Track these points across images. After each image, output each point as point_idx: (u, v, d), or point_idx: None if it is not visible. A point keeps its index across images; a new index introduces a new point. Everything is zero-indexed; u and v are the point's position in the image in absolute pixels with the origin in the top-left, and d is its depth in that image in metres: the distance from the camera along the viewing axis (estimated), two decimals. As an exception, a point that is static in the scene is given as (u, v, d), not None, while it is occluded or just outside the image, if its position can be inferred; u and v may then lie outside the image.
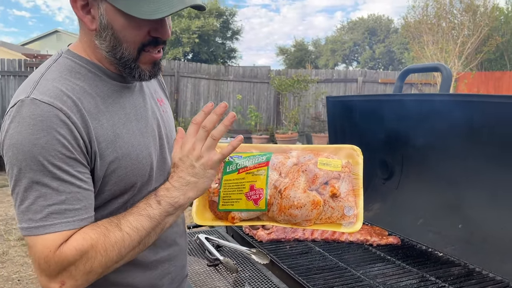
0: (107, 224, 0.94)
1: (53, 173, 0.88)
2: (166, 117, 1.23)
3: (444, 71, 1.67)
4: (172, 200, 0.99)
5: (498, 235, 1.61)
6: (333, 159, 1.18)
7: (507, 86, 12.24)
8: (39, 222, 0.88)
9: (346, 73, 13.14)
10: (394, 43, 23.22)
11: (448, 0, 12.34)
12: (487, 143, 1.58)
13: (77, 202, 0.91)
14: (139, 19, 0.93)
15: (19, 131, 0.88)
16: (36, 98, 0.90)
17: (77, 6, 0.96)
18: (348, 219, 1.12)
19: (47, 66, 1.01)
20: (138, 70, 1.02)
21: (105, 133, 0.98)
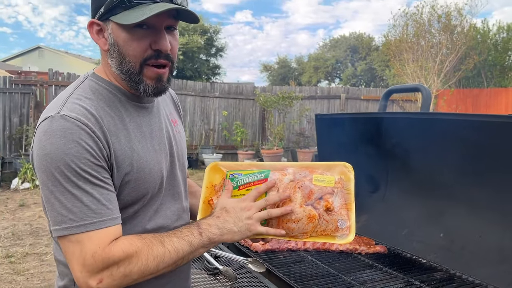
0: (152, 238, 1.06)
1: (85, 178, 0.99)
2: (178, 137, 1.34)
3: (424, 92, 1.82)
4: (212, 235, 1.11)
5: (476, 243, 1.74)
6: (327, 175, 1.28)
7: (484, 102, 12.65)
8: (80, 222, 0.98)
9: (329, 90, 13.40)
10: (375, 61, 23.76)
11: (427, 20, 12.76)
12: (463, 157, 1.72)
13: (109, 202, 1.02)
14: (139, 31, 1.06)
15: (51, 142, 0.99)
16: (65, 114, 1.01)
17: (93, 31, 1.11)
18: (342, 232, 1.22)
19: (74, 87, 1.14)
20: (142, 85, 1.12)
21: (122, 148, 1.09)
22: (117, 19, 1.06)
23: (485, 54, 13.70)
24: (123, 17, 1.05)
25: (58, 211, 0.99)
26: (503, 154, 1.50)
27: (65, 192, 0.98)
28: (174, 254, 1.06)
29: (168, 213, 1.26)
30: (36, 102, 9.63)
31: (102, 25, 1.10)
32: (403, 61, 12.88)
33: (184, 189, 1.36)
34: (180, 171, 1.31)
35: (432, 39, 12.85)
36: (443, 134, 1.69)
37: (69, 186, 0.98)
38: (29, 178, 8.18)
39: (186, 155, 1.39)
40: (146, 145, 1.17)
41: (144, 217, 1.19)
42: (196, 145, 11.32)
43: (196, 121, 11.57)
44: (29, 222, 5.84)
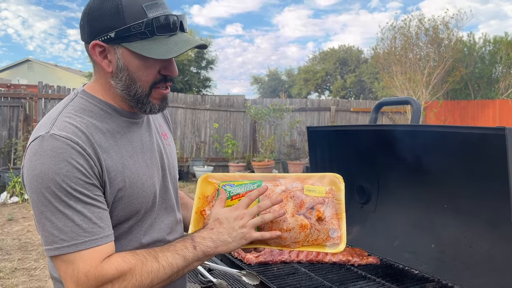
0: (146, 254, 1.06)
1: (76, 197, 0.99)
2: (169, 149, 1.35)
3: (414, 105, 1.86)
4: (206, 248, 1.12)
5: (467, 253, 1.76)
6: (318, 186, 1.30)
7: (472, 114, 12.83)
8: (72, 241, 0.98)
9: (319, 102, 13.50)
10: (364, 73, 24.03)
11: (414, 33, 12.98)
12: (452, 168, 1.75)
13: (100, 220, 1.03)
14: (152, 60, 1.08)
15: (42, 163, 0.98)
16: (55, 133, 1.01)
17: (95, 52, 1.10)
18: (333, 241, 1.24)
19: (64, 104, 1.14)
20: (149, 105, 1.16)
21: (114, 164, 1.09)
22: (135, 48, 1.07)
23: (472, 66, 13.92)
24: (144, 48, 1.06)
25: (49, 231, 0.99)
26: (489, 164, 1.53)
27: (56, 212, 0.98)
28: (168, 269, 1.06)
29: (162, 226, 1.27)
30: (25, 115, 9.57)
31: (106, 47, 1.09)
32: (392, 74, 13.05)
33: (176, 201, 1.37)
34: (171, 183, 1.33)
35: (420, 52, 13.06)
36: (432, 146, 1.72)
37: (60, 206, 0.98)
38: (17, 192, 8.08)
39: (177, 168, 1.41)
40: (138, 160, 1.18)
41: (139, 232, 1.19)
42: (187, 158, 11.30)
43: (187, 134, 11.56)
44: (18, 236, 5.76)
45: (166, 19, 1.08)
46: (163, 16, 1.07)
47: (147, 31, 1.06)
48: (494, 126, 1.37)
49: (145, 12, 1.06)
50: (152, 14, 1.06)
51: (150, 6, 1.07)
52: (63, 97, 9.44)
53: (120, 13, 1.05)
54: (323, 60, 29.54)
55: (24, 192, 8.04)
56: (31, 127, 9.43)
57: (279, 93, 28.22)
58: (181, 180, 10.37)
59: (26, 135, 9.29)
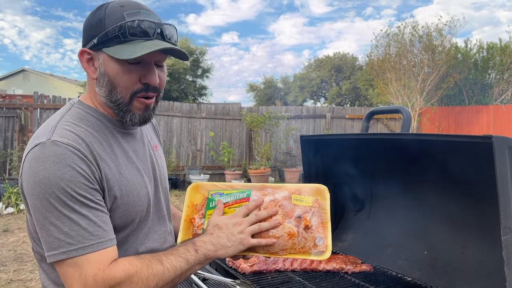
0: (150, 257, 1.09)
1: (81, 201, 1.01)
2: (160, 161, 1.38)
3: (405, 113, 1.88)
4: (207, 251, 1.15)
5: (459, 259, 1.78)
6: (305, 196, 1.36)
7: (466, 120, 12.91)
8: (79, 245, 1.00)
9: (315, 109, 13.55)
10: (359, 80, 24.13)
11: (408, 40, 13.08)
12: (443, 176, 1.77)
13: (105, 224, 1.05)
14: (131, 66, 1.10)
15: (44, 168, 1.00)
16: (56, 140, 1.04)
17: (84, 59, 1.15)
18: (319, 248, 1.28)
19: (61, 114, 1.16)
20: (130, 114, 1.17)
21: (111, 172, 1.12)
22: (110, 52, 1.10)
23: (466, 72, 14.02)
24: (117, 51, 1.09)
25: (54, 236, 1.00)
26: (478, 172, 1.55)
27: (61, 216, 0.99)
28: (172, 272, 1.09)
29: (156, 237, 1.29)
30: (21, 126, 9.55)
31: (93, 54, 1.14)
32: (386, 80, 13.12)
33: (168, 212, 1.40)
34: (163, 194, 1.36)
35: (414, 58, 13.15)
36: (422, 154, 1.74)
37: (65, 210, 0.99)
38: (13, 202, 8.05)
39: (167, 179, 1.43)
40: (133, 170, 1.20)
41: (135, 241, 1.21)
42: (183, 166, 11.29)
43: (183, 142, 11.57)
44: (13, 247, 5.73)
45: (140, 23, 1.10)
46: (137, 20, 1.10)
47: (120, 34, 1.08)
48: (481, 135, 1.39)
49: (124, 18, 1.09)
50: (130, 19, 1.09)
51: (131, 13, 1.10)
52: (58, 107, 9.44)
53: (103, 19, 1.10)
54: (318, 67, 29.66)
55: (20, 202, 8.01)
56: (27, 137, 9.41)
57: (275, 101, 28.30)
58: (177, 188, 10.35)
59: (22, 145, 9.27)
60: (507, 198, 1.38)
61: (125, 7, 1.11)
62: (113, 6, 1.12)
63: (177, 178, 10.67)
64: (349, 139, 2.28)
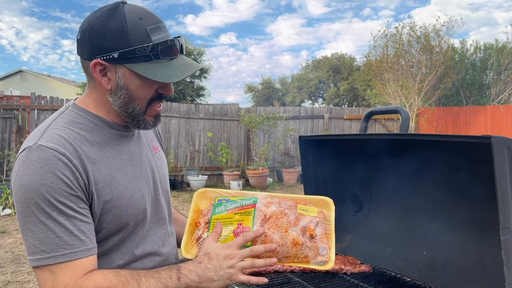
0: (129, 276, 1.07)
1: (59, 209, 1.00)
2: (160, 163, 1.37)
3: (403, 114, 1.88)
4: (190, 282, 1.13)
5: (458, 259, 1.78)
6: (310, 206, 1.38)
7: (464, 120, 12.94)
8: (52, 253, 0.99)
9: (313, 110, 13.55)
10: (357, 80, 24.16)
11: (406, 41, 13.10)
12: (441, 176, 1.78)
13: (82, 234, 1.03)
14: (152, 81, 1.10)
15: (27, 173, 1.00)
16: (42, 145, 1.03)
17: (96, 70, 1.11)
18: (322, 258, 1.29)
19: (54, 117, 1.16)
20: (144, 122, 1.19)
21: (102, 176, 1.11)
22: (138, 70, 1.09)
23: (463, 73, 14.06)
24: (148, 70, 1.09)
25: (31, 242, 1.00)
26: (477, 172, 1.55)
27: (38, 223, 0.99)
28: None
29: (155, 239, 1.28)
30: (18, 127, 9.53)
31: (107, 66, 1.10)
32: (384, 81, 13.14)
33: (169, 214, 1.38)
34: (163, 196, 1.34)
35: (412, 59, 13.18)
36: (421, 155, 1.74)
37: (43, 217, 0.99)
38: (10, 204, 8.02)
39: (168, 180, 1.42)
40: (127, 173, 1.19)
41: (131, 244, 1.20)
42: (181, 167, 11.27)
43: (181, 143, 11.55)
44: (11, 249, 5.71)
45: (170, 43, 1.11)
46: (167, 41, 1.11)
47: (152, 55, 1.08)
48: (480, 135, 1.40)
49: (149, 35, 1.08)
50: (155, 37, 1.09)
51: (154, 29, 1.09)
52: (56, 108, 9.43)
53: (125, 34, 1.06)
54: (316, 68, 29.68)
55: (17, 204, 7.98)
56: (24, 138, 9.38)
57: (273, 101, 28.32)
58: (175, 189, 10.33)
59: (19, 146, 9.23)
60: (506, 198, 1.38)
61: (144, 20, 1.09)
62: (131, 18, 1.07)
63: (175, 179, 10.65)
64: (348, 139, 2.28)
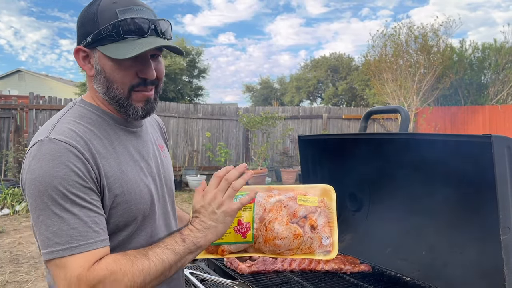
0: (136, 253, 1.06)
1: (72, 200, 1.00)
2: (165, 161, 1.37)
3: (403, 113, 1.88)
4: (195, 239, 1.11)
5: (458, 259, 1.78)
6: (311, 196, 1.35)
7: (462, 120, 12.96)
8: (66, 245, 0.98)
9: (311, 109, 13.56)
10: (355, 80, 24.16)
11: (405, 41, 13.10)
12: (441, 175, 1.78)
13: (95, 225, 1.03)
14: (125, 62, 1.10)
15: (40, 166, 1.00)
16: (54, 138, 1.04)
17: (79, 57, 1.14)
18: (325, 248, 1.28)
19: (63, 113, 1.16)
20: (131, 108, 1.16)
21: (112, 170, 1.11)
22: (105, 50, 1.09)
23: (461, 73, 14.07)
24: (111, 50, 1.09)
25: (44, 235, 0.99)
26: (477, 172, 1.55)
27: (51, 215, 0.99)
28: (160, 266, 1.06)
29: (162, 236, 1.28)
30: (16, 126, 9.51)
31: (88, 52, 1.13)
32: (383, 81, 13.15)
33: (173, 213, 1.39)
34: (168, 195, 1.35)
35: (410, 59, 13.18)
36: (421, 154, 1.74)
37: (56, 209, 0.98)
38: (8, 204, 8.00)
39: (173, 180, 1.42)
40: (135, 168, 1.19)
41: (139, 240, 1.20)
42: (180, 167, 11.27)
43: (180, 143, 11.55)
44: (9, 249, 5.70)
45: (133, 21, 1.09)
46: (130, 18, 1.09)
47: (114, 33, 1.08)
48: (480, 134, 1.39)
49: (118, 15, 1.09)
50: (124, 17, 1.09)
51: (124, 10, 1.09)
52: (54, 107, 9.41)
53: (95, 17, 1.09)
54: (315, 67, 29.68)
55: (16, 204, 7.97)
56: (22, 138, 9.36)
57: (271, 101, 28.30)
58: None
59: (17, 146, 9.22)
60: (506, 197, 1.37)
61: (117, 3, 1.10)
62: (105, 3, 1.11)
63: (174, 178, 10.63)
64: (347, 139, 2.27)
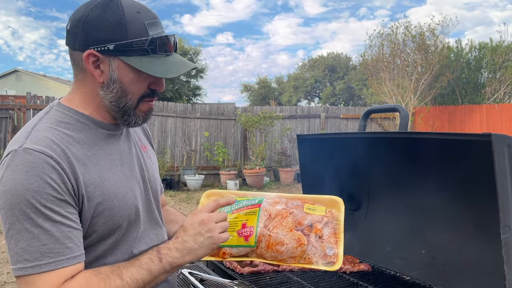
0: (109, 272, 1.03)
1: (45, 214, 0.95)
2: (149, 162, 1.32)
3: (402, 112, 1.88)
4: (172, 260, 1.10)
5: (457, 258, 1.77)
6: (318, 206, 1.33)
7: (460, 119, 12.98)
8: (35, 262, 0.94)
9: (309, 109, 13.55)
10: (353, 80, 24.20)
11: (402, 40, 13.12)
12: (440, 175, 1.77)
13: (69, 240, 0.99)
14: (145, 74, 1.09)
15: (13, 178, 0.95)
16: (28, 147, 0.98)
17: (89, 61, 1.08)
18: (329, 259, 1.24)
19: (39, 118, 1.11)
20: (134, 117, 1.16)
21: (92, 177, 1.07)
22: (135, 63, 1.08)
23: (458, 72, 14.09)
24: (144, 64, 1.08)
25: (14, 250, 0.95)
26: (476, 170, 1.55)
27: (22, 230, 0.94)
28: (133, 285, 1.03)
29: (149, 241, 1.24)
30: (14, 127, 9.48)
31: (101, 58, 1.07)
32: (380, 80, 13.16)
33: (160, 215, 1.34)
34: (153, 196, 1.30)
35: (407, 58, 13.20)
36: (420, 153, 1.74)
37: (27, 224, 0.94)
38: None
39: (158, 180, 1.38)
40: (117, 172, 1.15)
41: (126, 247, 1.16)
42: (178, 167, 11.25)
43: (178, 143, 11.52)
44: (5, 250, 5.67)
45: (167, 39, 1.11)
46: (165, 36, 1.11)
47: (150, 49, 1.07)
48: (480, 133, 1.39)
49: (147, 29, 1.07)
50: (152, 32, 1.08)
51: (151, 24, 1.09)
52: (51, 107, 9.36)
53: (123, 27, 1.05)
54: (312, 67, 29.70)
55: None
56: (20, 138, 9.32)
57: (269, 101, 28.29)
58: (172, 189, 10.30)
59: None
60: (506, 196, 1.37)
61: (141, 14, 1.08)
62: (129, 12, 1.06)
63: (172, 178, 10.62)
64: (346, 138, 2.27)
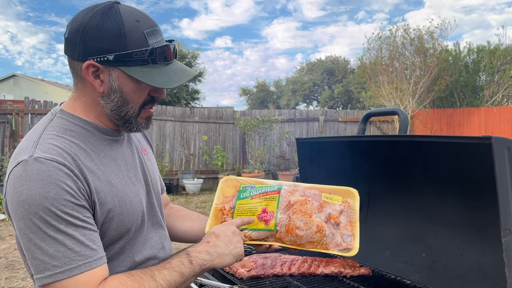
0: (142, 274, 1.04)
1: (66, 220, 0.96)
2: (150, 165, 1.34)
3: (401, 115, 1.88)
4: (202, 262, 1.12)
5: (457, 261, 1.77)
6: (335, 195, 1.41)
7: (458, 122, 13.00)
8: (65, 266, 0.95)
9: (308, 112, 13.56)
10: (351, 83, 24.23)
11: (400, 43, 13.15)
12: (440, 178, 1.77)
13: (92, 243, 1.00)
14: (146, 84, 1.09)
15: (28, 187, 0.95)
16: (39, 157, 0.98)
17: (89, 72, 1.07)
18: (346, 245, 1.32)
19: (43, 126, 1.11)
20: (136, 124, 1.17)
21: (101, 184, 1.08)
22: (135, 74, 1.07)
23: (457, 75, 14.12)
24: (144, 74, 1.08)
25: (40, 259, 0.95)
26: (476, 173, 1.54)
27: (46, 238, 0.95)
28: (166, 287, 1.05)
29: (153, 243, 1.26)
30: (12, 131, 9.46)
31: (100, 68, 1.07)
32: (379, 83, 13.17)
33: (162, 217, 1.35)
34: (155, 199, 1.32)
35: (406, 61, 13.22)
36: (420, 156, 1.74)
37: (50, 231, 0.94)
38: (4, 209, 7.94)
39: (159, 182, 1.40)
40: (124, 178, 1.16)
41: (132, 251, 1.18)
42: (177, 171, 11.23)
43: (176, 146, 11.51)
44: (5, 255, 5.65)
45: (167, 48, 1.11)
46: (165, 45, 1.10)
47: (150, 59, 1.07)
48: (480, 136, 1.39)
49: (146, 39, 1.07)
50: (152, 41, 1.08)
51: (150, 33, 1.08)
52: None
53: (122, 37, 1.04)
54: (311, 70, 29.76)
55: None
56: (18, 143, 9.30)
57: (267, 104, 28.32)
58: (170, 193, 10.27)
59: (13, 151, 9.16)
60: (506, 199, 1.37)
61: (141, 22, 1.07)
62: (128, 21, 1.05)
63: (170, 182, 10.60)
64: (346, 141, 2.26)
